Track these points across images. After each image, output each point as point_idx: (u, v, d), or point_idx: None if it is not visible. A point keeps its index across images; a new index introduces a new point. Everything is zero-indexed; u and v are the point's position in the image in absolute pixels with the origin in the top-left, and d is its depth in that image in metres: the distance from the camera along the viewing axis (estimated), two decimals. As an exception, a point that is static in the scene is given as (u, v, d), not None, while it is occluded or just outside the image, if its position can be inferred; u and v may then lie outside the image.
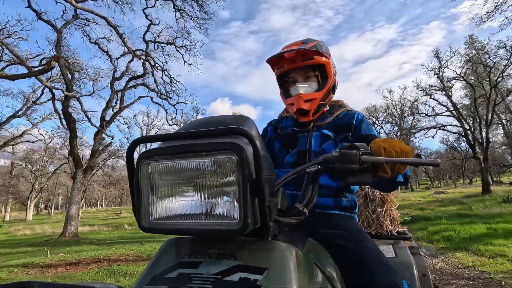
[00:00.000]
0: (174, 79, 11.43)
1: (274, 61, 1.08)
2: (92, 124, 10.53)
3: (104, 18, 8.40)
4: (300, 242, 0.68)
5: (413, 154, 0.66)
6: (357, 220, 1.04)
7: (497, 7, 9.11)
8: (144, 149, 0.49)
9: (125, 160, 0.51)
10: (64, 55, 10.10)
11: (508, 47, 13.55)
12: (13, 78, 6.86)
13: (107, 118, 11.52)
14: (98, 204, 54.82)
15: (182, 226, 0.46)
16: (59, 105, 12.20)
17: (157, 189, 0.48)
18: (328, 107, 1.13)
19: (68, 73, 9.99)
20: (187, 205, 0.47)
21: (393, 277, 0.75)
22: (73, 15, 10.15)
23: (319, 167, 0.64)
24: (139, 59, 10.34)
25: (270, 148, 1.15)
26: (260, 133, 1.02)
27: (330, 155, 0.63)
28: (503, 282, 3.33)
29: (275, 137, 1.15)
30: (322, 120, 1.08)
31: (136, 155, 0.50)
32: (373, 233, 1.66)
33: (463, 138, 18.41)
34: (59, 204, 45.68)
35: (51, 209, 41.35)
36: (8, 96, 15.44)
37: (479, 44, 16.76)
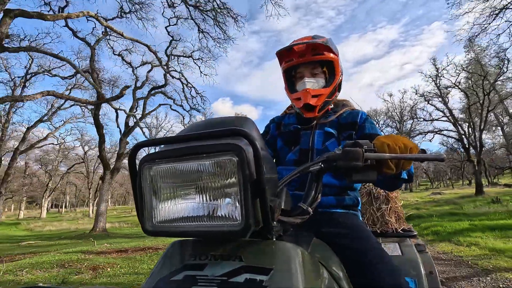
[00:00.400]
0: (204, 97, 12.81)
1: (283, 54, 1.08)
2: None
3: (146, 45, 9.54)
4: (305, 242, 0.68)
5: (417, 150, 0.65)
6: (360, 218, 1.03)
7: (483, 30, 10.17)
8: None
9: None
10: (94, 68, 11.18)
11: (500, 57, 14.56)
12: (93, 103, 7.95)
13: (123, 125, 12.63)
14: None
15: (185, 229, 0.47)
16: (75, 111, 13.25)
17: (160, 192, 0.48)
18: (332, 105, 1.12)
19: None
20: (189, 208, 0.48)
21: (396, 277, 0.74)
22: (102, 32, 11.27)
23: (322, 165, 0.64)
24: (173, 78, 11.54)
25: (272, 145, 1.15)
26: (262, 132, 1.09)
27: (333, 153, 0.64)
28: (470, 262, 4.39)
29: (277, 135, 1.15)
30: (326, 118, 1.07)
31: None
32: (378, 231, 1.64)
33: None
34: (67, 203, 46.84)
35: (60, 207, 42.57)
36: (33, 101, 16.58)
37: (479, 48, 17.62)
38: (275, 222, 0.51)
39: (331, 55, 1.03)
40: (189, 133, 0.47)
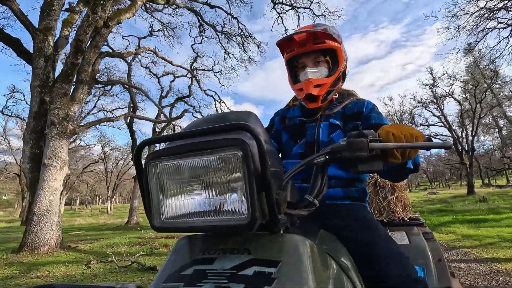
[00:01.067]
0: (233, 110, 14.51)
1: (284, 45, 1.07)
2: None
3: (188, 70, 11.08)
4: (312, 234, 0.67)
5: (423, 138, 0.65)
6: (368, 209, 1.02)
7: (468, 52, 11.69)
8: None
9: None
10: (125, 80, 12.72)
11: (490, 69, 15.98)
12: (159, 122, 9.38)
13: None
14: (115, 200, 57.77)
15: (193, 224, 0.48)
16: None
17: (166, 189, 0.50)
18: (337, 96, 1.10)
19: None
20: (196, 203, 0.49)
21: (405, 267, 0.75)
22: (136, 48, 12.83)
23: (327, 157, 0.65)
24: (207, 95, 13.17)
25: (277, 139, 1.15)
26: (267, 125, 1.17)
27: (338, 144, 0.64)
28: (444, 243, 5.90)
29: (282, 129, 1.15)
30: (331, 110, 1.06)
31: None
32: (385, 220, 1.64)
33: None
34: (78, 201, 48.55)
35: (73, 205, 44.36)
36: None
37: (477, 53, 18.62)
38: (281, 215, 0.51)
39: (333, 43, 1.02)
40: (193, 129, 0.48)
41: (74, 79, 5.77)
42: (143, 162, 0.51)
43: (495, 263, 4.06)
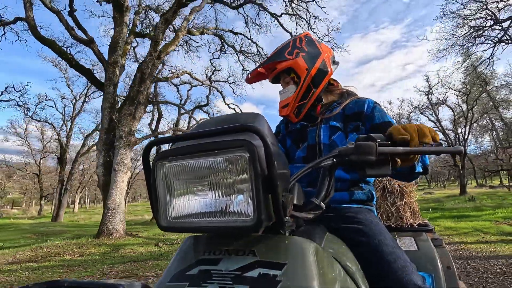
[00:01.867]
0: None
1: (255, 80, 1.16)
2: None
3: (213, 86, 12.64)
4: (318, 237, 0.69)
5: (434, 132, 0.65)
6: (375, 213, 1.01)
7: (456, 68, 13.12)
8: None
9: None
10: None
11: (482, 78, 17.36)
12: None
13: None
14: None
15: (199, 224, 0.48)
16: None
17: (173, 189, 0.50)
18: (336, 98, 1.14)
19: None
20: (202, 204, 0.49)
21: (409, 273, 0.74)
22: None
23: (334, 160, 0.64)
24: (230, 108, 14.70)
25: (283, 144, 1.19)
26: (274, 132, 1.13)
27: (346, 148, 0.64)
28: (428, 233, 7.38)
29: (286, 134, 1.18)
30: (331, 112, 1.08)
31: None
32: (393, 226, 1.64)
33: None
34: (88, 199, 50.09)
35: (83, 203, 45.90)
36: (85, 112, 19.70)
37: (475, 56, 19.78)
38: (287, 217, 0.51)
39: (284, 63, 1.04)
40: (200, 130, 0.49)
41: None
42: (151, 162, 0.52)
43: (462, 245, 5.51)
